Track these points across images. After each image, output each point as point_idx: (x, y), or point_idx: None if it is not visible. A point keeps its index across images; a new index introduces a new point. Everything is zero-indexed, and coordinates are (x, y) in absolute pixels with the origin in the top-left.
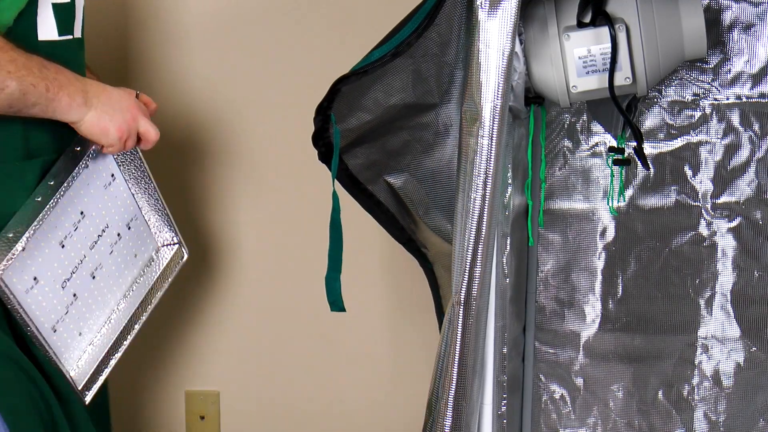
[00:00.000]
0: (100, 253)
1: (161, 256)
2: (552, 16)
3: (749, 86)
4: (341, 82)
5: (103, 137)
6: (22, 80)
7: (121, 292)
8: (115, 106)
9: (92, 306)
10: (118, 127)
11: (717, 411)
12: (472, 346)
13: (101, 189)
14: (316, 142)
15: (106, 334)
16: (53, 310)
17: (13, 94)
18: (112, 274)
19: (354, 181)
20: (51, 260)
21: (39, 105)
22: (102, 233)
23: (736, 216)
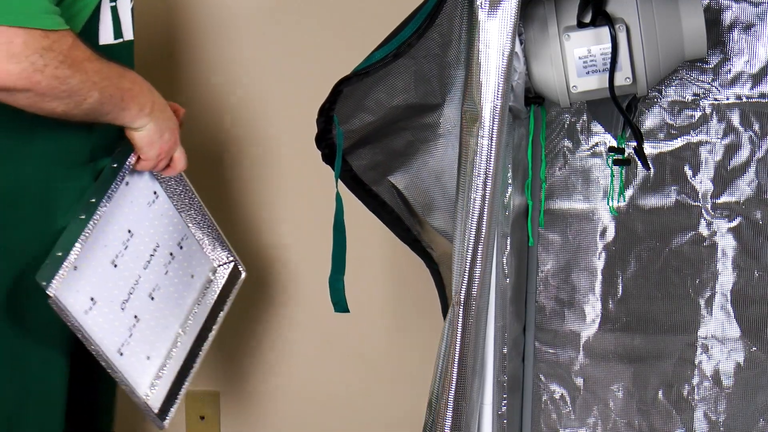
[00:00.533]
0: (155, 274)
1: (218, 276)
2: (552, 16)
3: (749, 86)
4: (343, 83)
5: (147, 149)
6: (104, 91)
7: (183, 314)
8: (168, 125)
9: (156, 328)
10: (161, 145)
11: (717, 411)
12: (472, 346)
13: (145, 207)
14: (320, 144)
15: (176, 359)
16: (116, 333)
17: (94, 105)
18: (171, 295)
19: (358, 182)
20: (105, 280)
21: (111, 114)
22: (154, 253)
23: (736, 216)
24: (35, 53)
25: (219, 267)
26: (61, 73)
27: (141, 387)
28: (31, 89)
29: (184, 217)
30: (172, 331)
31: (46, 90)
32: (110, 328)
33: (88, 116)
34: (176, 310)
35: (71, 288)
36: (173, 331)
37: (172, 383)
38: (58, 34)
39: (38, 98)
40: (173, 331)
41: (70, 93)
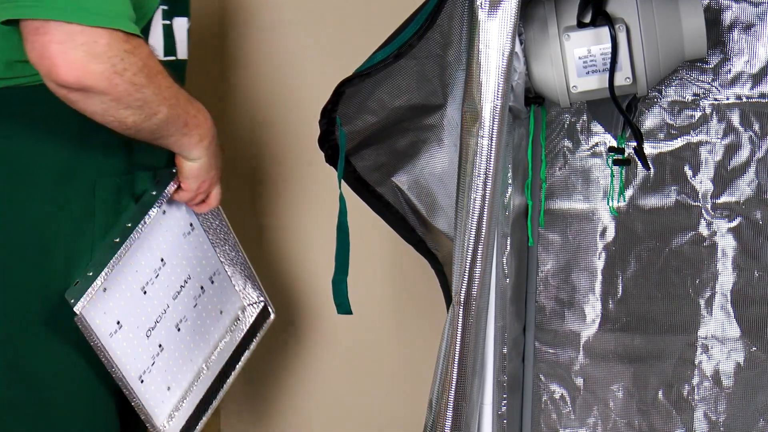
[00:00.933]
0: (183, 305)
1: (247, 314)
2: (552, 16)
3: (749, 86)
4: (345, 84)
5: (192, 181)
6: (172, 109)
7: (208, 348)
8: (217, 162)
9: (179, 360)
10: (204, 180)
11: (717, 411)
12: (472, 346)
13: (180, 237)
14: (322, 145)
15: (196, 392)
16: (139, 359)
17: (161, 122)
18: (198, 329)
19: (362, 183)
20: (134, 305)
21: (174, 137)
22: (184, 284)
23: (736, 216)
24: (117, 55)
25: (248, 306)
26: (138, 80)
27: (159, 417)
28: (108, 93)
29: (218, 252)
30: (195, 364)
31: (122, 95)
32: (133, 354)
33: (153, 134)
34: (201, 344)
35: (99, 309)
36: (197, 365)
37: (190, 416)
38: (139, 41)
39: (113, 103)
40: (197, 364)
41: (143, 103)
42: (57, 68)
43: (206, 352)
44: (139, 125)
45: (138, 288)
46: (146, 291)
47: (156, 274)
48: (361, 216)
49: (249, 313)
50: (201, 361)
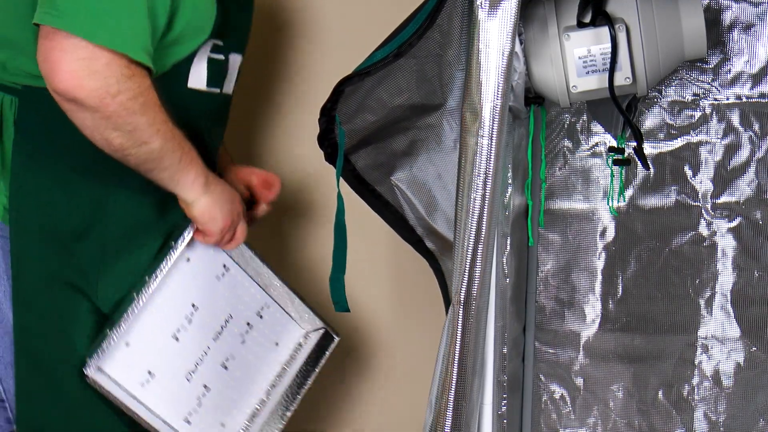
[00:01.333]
0: (228, 344)
1: (309, 341)
2: (552, 16)
3: (749, 86)
4: (344, 83)
5: (211, 224)
6: (165, 143)
7: (267, 380)
8: (226, 197)
9: (231, 396)
10: (224, 218)
11: (717, 411)
12: (472, 346)
13: (213, 281)
14: (322, 143)
15: (257, 423)
16: (181, 402)
17: (153, 152)
18: (250, 363)
19: (361, 182)
20: (165, 353)
21: (168, 171)
22: (226, 324)
23: (736, 216)
24: (113, 76)
25: (310, 333)
26: (131, 105)
27: None
28: (98, 110)
29: (263, 286)
30: (253, 397)
31: (111, 115)
32: (173, 399)
33: (147, 164)
34: (258, 377)
35: (121, 363)
36: (255, 397)
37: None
38: (141, 70)
39: (102, 121)
40: (255, 397)
41: (133, 128)
42: (55, 74)
43: (264, 384)
44: (127, 150)
45: (168, 336)
46: (178, 338)
47: (188, 320)
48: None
49: (311, 339)
50: (260, 393)
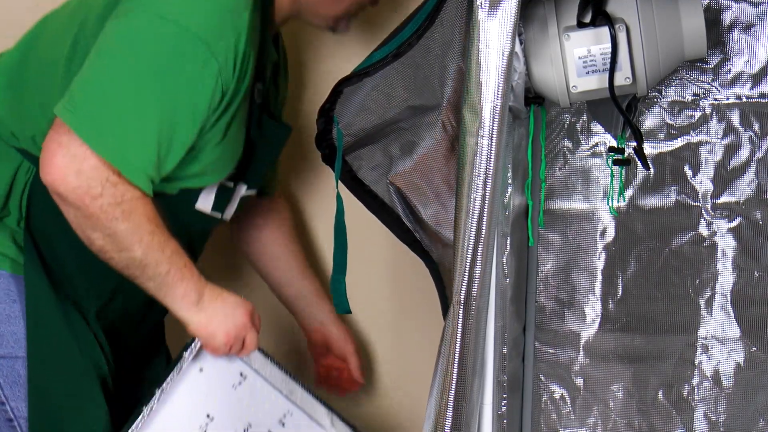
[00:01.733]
0: None
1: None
2: (552, 16)
3: (749, 86)
4: (343, 83)
5: (210, 340)
6: (148, 254)
7: None
8: (227, 312)
9: None
10: (225, 333)
11: (717, 411)
12: (472, 346)
13: (229, 389)
14: (320, 144)
15: None
16: None
17: (134, 260)
18: None
19: (358, 183)
20: None
21: (154, 282)
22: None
23: (736, 216)
24: (96, 179)
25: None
26: (111, 211)
27: None
28: (78, 208)
29: (284, 393)
30: None
31: (91, 216)
32: None
33: (129, 270)
34: None
35: None
36: None
37: None
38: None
39: (83, 220)
40: None
41: (113, 233)
42: (45, 164)
43: None
44: (108, 253)
45: None
46: None
47: (203, 429)
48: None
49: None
50: None
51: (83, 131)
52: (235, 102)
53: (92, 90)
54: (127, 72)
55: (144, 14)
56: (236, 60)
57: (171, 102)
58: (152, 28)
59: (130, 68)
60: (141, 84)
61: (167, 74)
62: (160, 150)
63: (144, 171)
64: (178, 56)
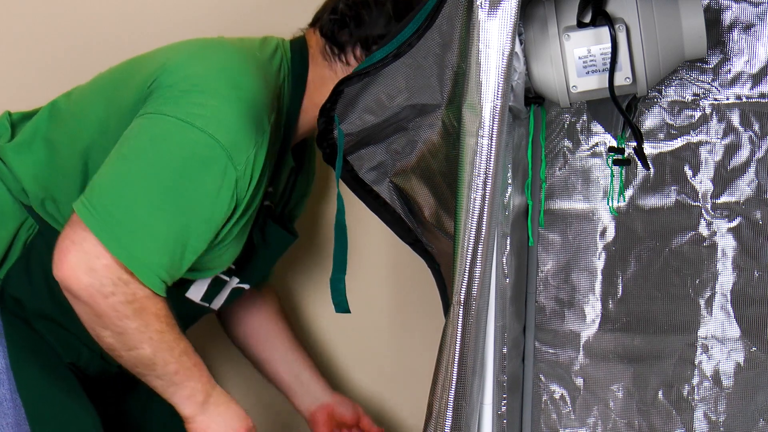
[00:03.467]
0: None
1: None
2: (552, 16)
3: (749, 86)
4: (344, 83)
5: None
6: (158, 353)
7: None
8: (228, 422)
9: None
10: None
11: (717, 411)
12: (472, 346)
13: None
14: (321, 144)
15: None
16: None
17: (143, 358)
18: None
19: (359, 183)
20: None
21: (162, 381)
22: None
23: (736, 216)
24: (108, 278)
25: None
26: (122, 309)
27: None
28: (89, 305)
29: None
30: None
31: (101, 314)
32: None
33: (137, 368)
34: None
35: None
36: None
37: None
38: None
39: (94, 317)
40: None
41: (122, 332)
42: (58, 261)
43: None
44: (117, 351)
45: None
46: None
47: None
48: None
49: None
50: None
51: (100, 231)
52: (248, 212)
53: (113, 190)
54: (150, 176)
55: (173, 118)
56: (253, 173)
57: (189, 210)
58: (179, 134)
59: (152, 172)
60: (162, 189)
61: (188, 182)
62: (174, 255)
63: (157, 274)
64: (201, 165)
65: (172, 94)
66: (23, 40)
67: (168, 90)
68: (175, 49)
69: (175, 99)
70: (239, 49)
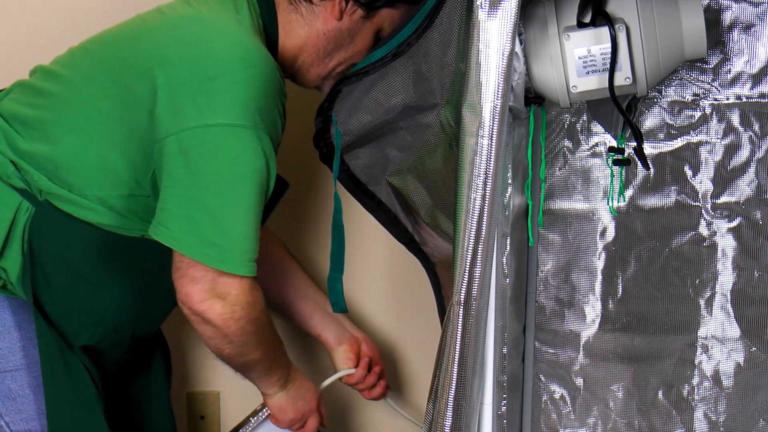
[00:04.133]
0: None
1: None
2: (552, 16)
3: (749, 86)
4: (342, 82)
5: (279, 415)
6: (265, 356)
7: None
8: (303, 396)
9: None
10: (295, 413)
11: (717, 411)
12: (472, 346)
13: None
14: (317, 143)
15: None
16: None
17: (251, 362)
18: None
19: (355, 182)
20: None
21: (256, 373)
22: None
23: (736, 216)
24: (239, 305)
25: None
26: (248, 327)
27: None
28: (220, 328)
29: None
30: None
31: (230, 334)
32: None
33: (242, 368)
34: None
35: None
36: None
37: None
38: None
39: (221, 337)
40: None
41: (244, 343)
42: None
43: None
44: (233, 359)
45: None
46: None
47: None
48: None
49: None
50: None
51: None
52: None
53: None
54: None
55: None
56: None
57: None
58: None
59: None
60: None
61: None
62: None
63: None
64: (242, 151)
65: (198, 93)
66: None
67: (188, 89)
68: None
69: (206, 98)
70: (228, 20)
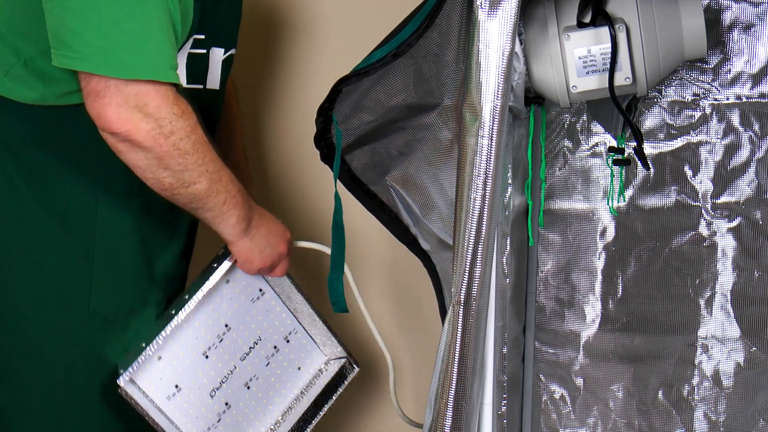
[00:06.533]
0: (254, 365)
1: (329, 368)
2: (552, 16)
3: (749, 86)
4: (342, 83)
5: (246, 264)
6: (213, 183)
7: (285, 403)
8: (270, 240)
9: (249, 415)
10: (262, 260)
11: (717, 411)
12: (472, 346)
13: (248, 303)
14: (318, 143)
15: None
16: (202, 417)
17: (199, 193)
18: (272, 385)
19: (356, 182)
20: (194, 369)
21: (212, 212)
22: (254, 346)
23: (736, 216)
24: (165, 118)
25: (331, 360)
26: (183, 145)
27: None
28: (152, 150)
29: (293, 312)
30: (270, 417)
31: (164, 155)
32: (195, 413)
33: (192, 204)
34: (276, 399)
35: (153, 376)
36: (272, 418)
37: None
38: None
39: (155, 161)
40: (272, 417)
41: (183, 168)
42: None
43: (282, 406)
44: (176, 189)
45: (199, 353)
46: (208, 355)
47: (219, 339)
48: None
49: (331, 367)
50: (277, 415)
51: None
52: None
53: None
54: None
55: None
56: None
57: None
58: None
59: None
60: None
61: None
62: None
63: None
64: None
65: None
66: None
67: None
68: None
69: None
70: None
